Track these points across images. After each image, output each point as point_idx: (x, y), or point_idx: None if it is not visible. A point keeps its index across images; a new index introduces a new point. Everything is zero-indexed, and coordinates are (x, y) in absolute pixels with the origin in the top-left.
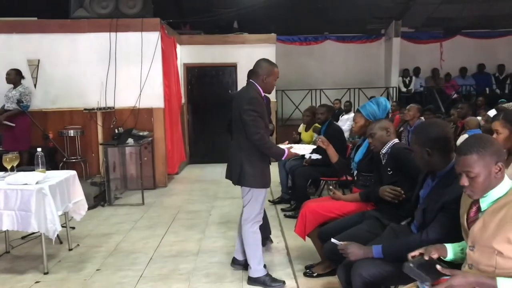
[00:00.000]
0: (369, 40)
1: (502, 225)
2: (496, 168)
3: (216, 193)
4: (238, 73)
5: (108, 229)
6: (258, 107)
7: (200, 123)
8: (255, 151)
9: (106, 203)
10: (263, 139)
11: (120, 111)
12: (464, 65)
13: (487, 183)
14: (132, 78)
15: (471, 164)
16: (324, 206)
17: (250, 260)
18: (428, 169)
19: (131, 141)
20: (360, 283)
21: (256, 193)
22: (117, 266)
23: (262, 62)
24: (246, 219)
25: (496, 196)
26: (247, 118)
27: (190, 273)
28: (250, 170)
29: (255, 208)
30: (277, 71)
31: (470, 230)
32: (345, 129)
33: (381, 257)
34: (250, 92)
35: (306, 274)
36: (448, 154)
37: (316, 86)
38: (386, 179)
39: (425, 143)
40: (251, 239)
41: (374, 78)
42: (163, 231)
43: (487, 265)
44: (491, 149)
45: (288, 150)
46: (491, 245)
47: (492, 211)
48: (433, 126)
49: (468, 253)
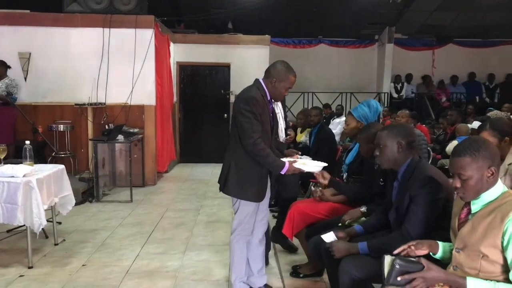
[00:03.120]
0: (362, 45)
1: (490, 230)
2: (489, 172)
3: (205, 193)
4: (231, 73)
5: (95, 225)
6: (256, 108)
7: (192, 122)
8: (245, 157)
9: (94, 199)
10: (257, 145)
11: (111, 107)
12: (455, 73)
13: (479, 186)
14: (124, 74)
15: (464, 166)
16: (312, 207)
17: (231, 271)
18: (391, 165)
19: (121, 137)
20: (348, 280)
21: (243, 204)
22: (103, 262)
23: (278, 64)
24: (233, 229)
25: (487, 200)
26: (241, 119)
27: (176, 271)
28: (235, 177)
29: (242, 220)
30: (292, 80)
31: (459, 232)
32: (336, 133)
33: (366, 252)
34: (251, 91)
35: (292, 274)
36: (411, 151)
37: (308, 89)
38: (376, 186)
39: (398, 135)
40: (235, 252)
41: (366, 83)
42: (150, 228)
43: (472, 268)
44: (485, 152)
45: (290, 164)
46: (478, 248)
47: (482, 215)
48: (401, 124)
49: (454, 255)
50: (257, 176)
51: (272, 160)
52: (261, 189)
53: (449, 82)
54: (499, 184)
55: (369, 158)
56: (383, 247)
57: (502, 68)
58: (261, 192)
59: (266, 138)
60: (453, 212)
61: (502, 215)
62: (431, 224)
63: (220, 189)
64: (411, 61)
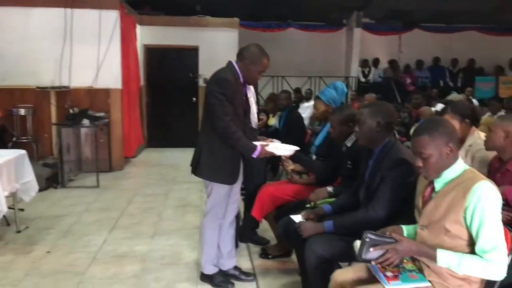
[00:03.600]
0: (331, 30)
1: (453, 206)
2: (447, 148)
3: (174, 177)
4: (200, 57)
5: (60, 211)
6: (228, 90)
7: (159, 106)
8: (217, 139)
9: (59, 185)
10: (228, 128)
11: (75, 91)
12: (421, 58)
13: (439, 164)
14: (88, 57)
15: (423, 145)
16: (281, 189)
17: (202, 255)
18: (368, 143)
19: (87, 122)
20: (314, 259)
21: (216, 188)
22: (68, 248)
23: (251, 46)
24: (207, 212)
25: (450, 177)
26: (212, 101)
27: (145, 255)
28: (208, 160)
29: (215, 204)
30: (265, 63)
31: (424, 210)
32: (305, 117)
33: (332, 231)
34: (223, 73)
35: (262, 255)
36: (389, 132)
37: (278, 73)
38: (344, 168)
39: (378, 115)
40: (207, 235)
41: (335, 67)
42: (118, 213)
43: (434, 244)
44: (442, 130)
45: (262, 148)
46: (442, 224)
47: (445, 192)
48: (385, 103)
49: (418, 232)
50: (230, 158)
51: (244, 144)
52: (235, 172)
53: (415, 67)
54: (460, 162)
55: (339, 141)
56: (349, 225)
57: (465, 53)
58: (235, 174)
59: (238, 121)
60: (417, 191)
61: (464, 191)
62: (398, 205)
63: (192, 172)
64: (378, 45)
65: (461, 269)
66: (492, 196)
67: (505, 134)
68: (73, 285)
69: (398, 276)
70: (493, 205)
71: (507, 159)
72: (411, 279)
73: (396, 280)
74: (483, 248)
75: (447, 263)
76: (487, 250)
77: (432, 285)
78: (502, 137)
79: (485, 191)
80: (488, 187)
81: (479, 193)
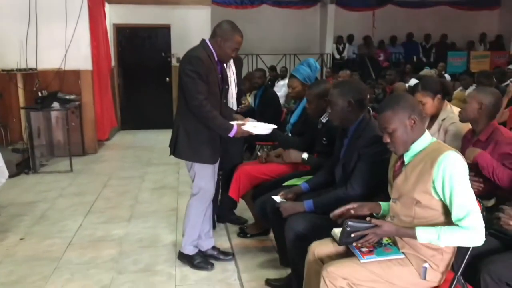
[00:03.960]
0: (305, 6)
1: (421, 176)
2: (411, 121)
3: (149, 159)
4: (172, 35)
5: (33, 197)
6: (201, 68)
7: (132, 87)
8: (193, 119)
9: (30, 171)
10: (202, 107)
11: (43, 73)
12: (395, 34)
13: (405, 137)
14: (56, 37)
15: (387, 120)
16: (258, 168)
17: (184, 234)
18: (342, 123)
19: (57, 105)
20: (293, 236)
21: (197, 168)
22: (43, 235)
23: (224, 23)
24: (194, 193)
25: (417, 150)
26: (185, 79)
27: (122, 239)
28: (186, 141)
29: (200, 186)
30: (238, 40)
31: (394, 183)
32: (281, 95)
33: (312, 210)
34: (196, 51)
35: (240, 234)
36: (362, 109)
37: (252, 51)
38: (319, 145)
39: (348, 94)
40: (192, 216)
41: (310, 44)
42: (93, 197)
43: (407, 215)
44: (403, 104)
45: (238, 127)
46: (412, 196)
47: (413, 164)
48: (354, 81)
49: (391, 205)
50: (207, 138)
51: (219, 123)
52: (214, 150)
53: (388, 43)
54: (427, 135)
55: (315, 117)
56: (328, 203)
57: (438, 29)
58: (214, 153)
59: (214, 100)
60: (390, 165)
61: (431, 161)
62: (375, 183)
63: (170, 153)
64: (352, 22)
65: (441, 241)
66: (458, 165)
67: (478, 105)
68: (49, 271)
69: (373, 250)
70: (461, 173)
71: (479, 131)
72: (385, 253)
73: (371, 254)
74: (458, 216)
75: (428, 239)
76: (461, 217)
77: (406, 257)
78: (476, 108)
79: (451, 160)
80: (453, 156)
81: (445, 163)
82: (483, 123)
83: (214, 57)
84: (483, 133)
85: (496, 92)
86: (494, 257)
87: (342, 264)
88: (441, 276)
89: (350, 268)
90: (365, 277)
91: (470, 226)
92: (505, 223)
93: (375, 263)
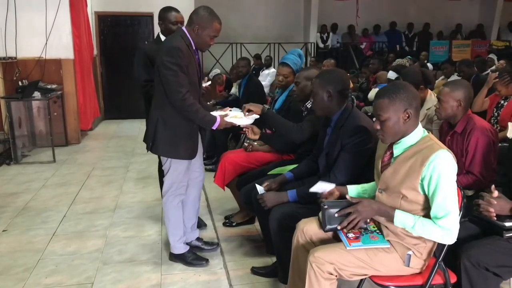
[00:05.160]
0: None
1: (410, 173)
2: (405, 114)
3: (133, 149)
4: (155, 24)
5: (15, 188)
6: (181, 59)
7: (115, 76)
8: (173, 113)
9: (12, 162)
10: (185, 100)
11: (23, 61)
12: (378, 23)
13: (396, 129)
14: (36, 25)
15: (382, 108)
16: (243, 157)
17: (169, 235)
18: (324, 113)
19: (38, 94)
20: (276, 224)
21: (174, 164)
22: (26, 226)
23: (200, 10)
24: (166, 190)
25: (408, 144)
26: (165, 72)
27: (107, 229)
28: (163, 135)
29: (174, 180)
30: (216, 27)
31: (382, 174)
32: (265, 84)
33: (296, 200)
34: (174, 41)
35: (226, 224)
36: (344, 99)
37: (235, 39)
38: None
39: (328, 84)
40: (171, 214)
41: (294, 33)
42: (77, 188)
43: (392, 206)
44: (403, 95)
45: (222, 118)
46: (399, 190)
47: (403, 159)
48: (335, 71)
49: (377, 195)
50: (188, 132)
51: (202, 116)
52: (193, 146)
53: (372, 32)
54: (419, 129)
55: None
56: (311, 193)
57: (420, 18)
58: (193, 148)
59: (194, 91)
60: (377, 154)
61: (422, 159)
62: (358, 171)
63: (147, 149)
64: (336, 10)
65: (415, 230)
66: (448, 165)
67: (457, 103)
68: (33, 263)
69: (359, 237)
70: (448, 173)
71: (456, 122)
72: (371, 241)
73: (357, 241)
74: (436, 215)
75: (403, 223)
76: (439, 216)
77: (391, 245)
78: (455, 106)
79: (441, 160)
80: (444, 156)
81: (436, 162)
82: (460, 115)
83: (192, 46)
84: (459, 124)
85: (465, 83)
86: (474, 242)
87: (329, 250)
88: (424, 263)
89: (337, 253)
90: (351, 263)
91: (445, 227)
92: (485, 209)
93: (362, 250)
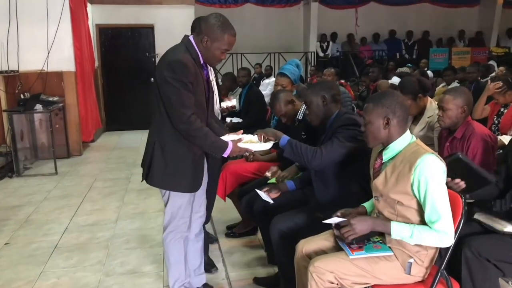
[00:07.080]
0: (288, 5)
1: (401, 179)
2: (384, 121)
3: (135, 160)
4: (156, 35)
5: (17, 201)
6: (186, 75)
7: (116, 88)
8: (173, 137)
9: (14, 174)
10: (191, 124)
11: (25, 74)
12: (377, 31)
13: (376, 133)
14: (37, 39)
15: (366, 111)
16: (243, 167)
17: (169, 275)
18: (320, 121)
19: (40, 107)
20: (277, 236)
21: (174, 196)
22: (28, 239)
23: (211, 18)
24: (165, 226)
25: (396, 150)
26: (165, 90)
27: (109, 241)
28: (163, 164)
29: (174, 215)
30: (229, 40)
31: (374, 182)
32: (266, 94)
33: (285, 144)
34: (177, 53)
35: (229, 234)
36: (337, 104)
37: (236, 50)
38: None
39: (321, 91)
40: (170, 253)
41: (293, 43)
42: (79, 200)
43: (390, 212)
44: (387, 102)
45: (234, 144)
46: (392, 196)
47: (393, 166)
48: (325, 80)
49: (374, 202)
50: (191, 160)
51: (211, 141)
52: (197, 176)
53: (371, 40)
54: (406, 135)
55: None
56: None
57: (419, 26)
58: (197, 179)
59: (201, 112)
60: (370, 162)
61: (410, 164)
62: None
63: (143, 177)
64: (335, 20)
65: (413, 240)
66: (433, 168)
67: (461, 110)
68: (35, 276)
69: (362, 247)
70: (435, 176)
71: (455, 128)
72: (374, 249)
73: (360, 250)
74: (430, 219)
75: (400, 235)
76: (433, 220)
77: (394, 252)
78: (460, 113)
79: (426, 164)
80: (430, 160)
81: (421, 166)
82: (462, 122)
83: (200, 60)
84: (458, 130)
85: (465, 90)
86: (477, 236)
87: (329, 259)
88: (425, 271)
89: (337, 262)
90: (351, 272)
91: (441, 230)
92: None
93: (363, 258)
